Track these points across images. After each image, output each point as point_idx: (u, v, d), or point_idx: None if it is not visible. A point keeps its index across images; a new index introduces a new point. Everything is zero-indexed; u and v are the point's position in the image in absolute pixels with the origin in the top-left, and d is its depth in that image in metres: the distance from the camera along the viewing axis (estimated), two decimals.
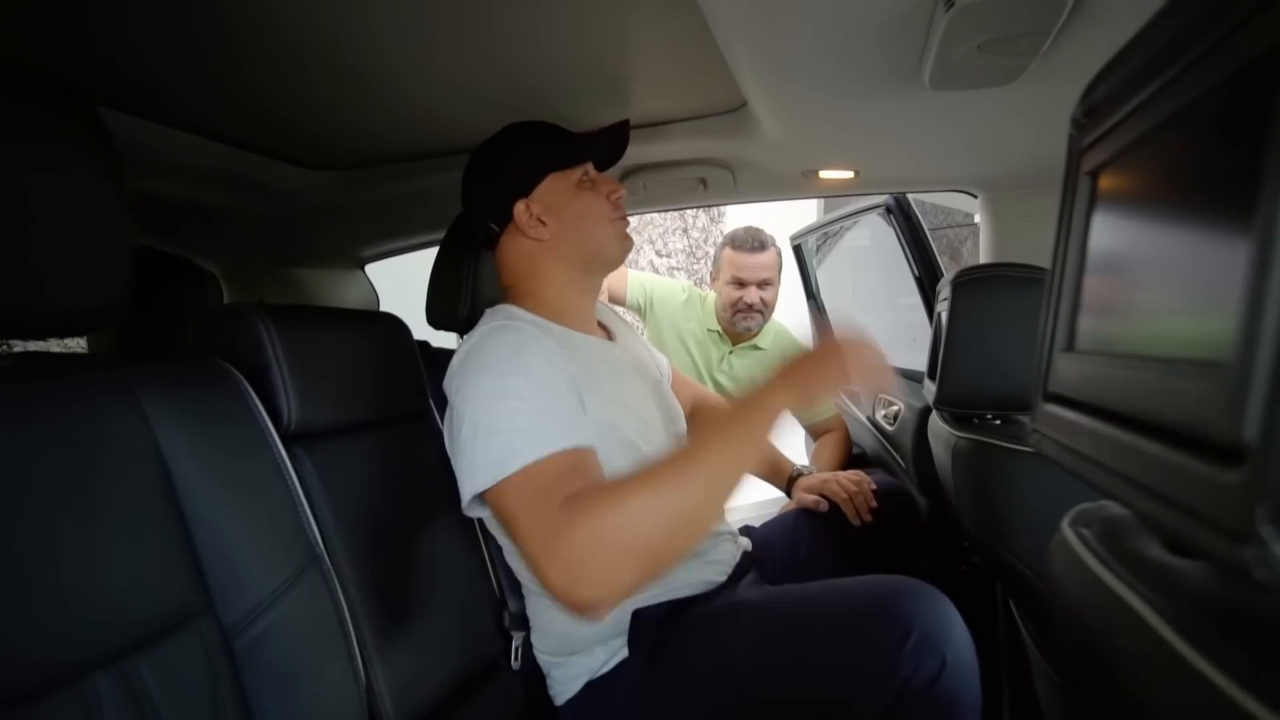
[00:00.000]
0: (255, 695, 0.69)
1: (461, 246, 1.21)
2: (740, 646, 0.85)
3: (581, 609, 0.71)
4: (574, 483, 0.76)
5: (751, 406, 0.79)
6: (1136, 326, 0.31)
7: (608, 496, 0.72)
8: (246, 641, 0.69)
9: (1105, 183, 0.37)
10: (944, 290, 1.08)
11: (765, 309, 1.91)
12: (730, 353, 1.98)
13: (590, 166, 1.04)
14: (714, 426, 0.77)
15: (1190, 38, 0.28)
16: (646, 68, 1.03)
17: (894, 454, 1.67)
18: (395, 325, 1.11)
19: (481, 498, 0.82)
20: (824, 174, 1.35)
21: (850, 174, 1.34)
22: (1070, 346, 0.39)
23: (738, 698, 0.88)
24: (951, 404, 1.02)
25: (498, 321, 0.96)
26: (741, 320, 1.90)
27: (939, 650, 0.76)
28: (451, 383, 0.90)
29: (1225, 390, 0.22)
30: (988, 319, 0.97)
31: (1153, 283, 0.30)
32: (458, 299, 1.20)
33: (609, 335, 1.15)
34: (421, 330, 1.23)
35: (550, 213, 1.01)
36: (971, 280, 0.98)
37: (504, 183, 1.02)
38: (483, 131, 1.04)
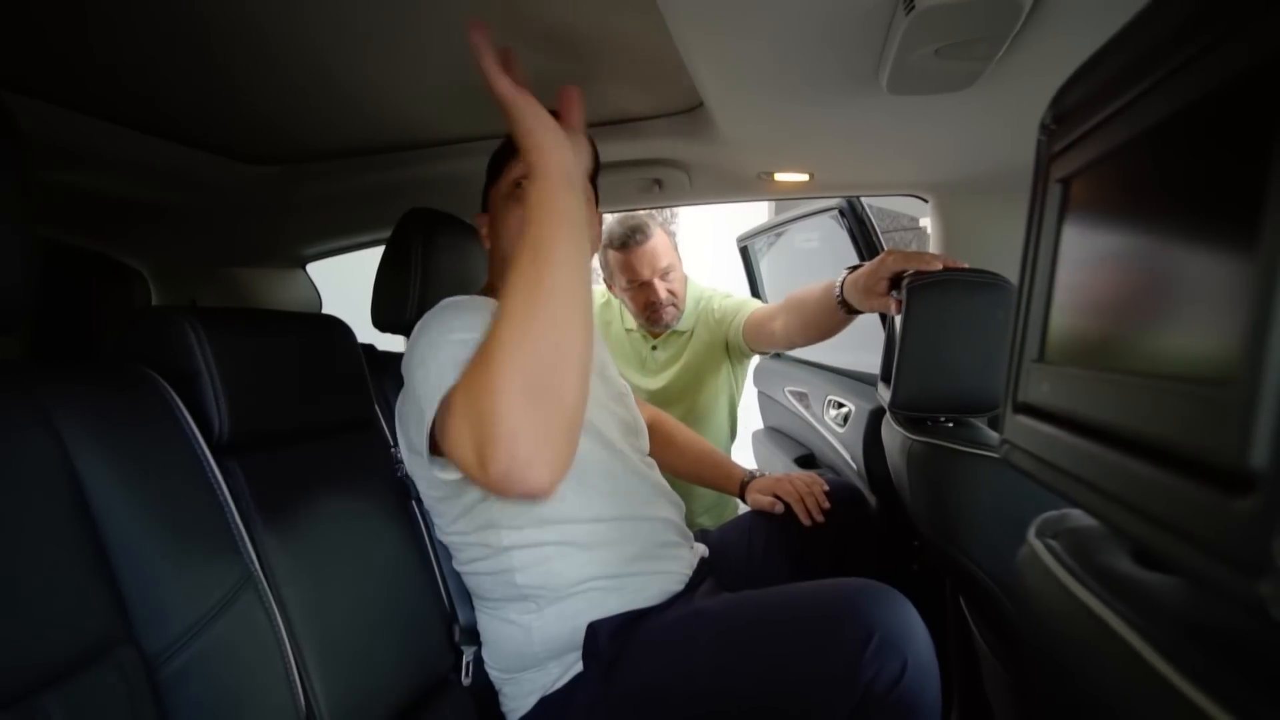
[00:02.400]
0: None
1: (410, 245, 1.16)
2: (700, 657, 0.83)
3: (512, 484, 0.64)
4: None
5: (554, 187, 0.71)
6: (1117, 339, 0.30)
7: (472, 361, 0.67)
8: (172, 671, 0.64)
9: (1078, 191, 0.36)
10: (897, 294, 1.09)
11: (677, 300, 1.71)
12: (654, 348, 1.84)
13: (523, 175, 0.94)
14: (526, 232, 0.69)
15: (1172, 45, 0.27)
16: (601, 66, 1.00)
17: (844, 454, 1.68)
18: (338, 328, 1.05)
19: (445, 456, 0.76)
20: (779, 176, 1.35)
21: (805, 177, 1.34)
22: (1041, 357, 0.38)
23: (698, 709, 0.86)
24: (906, 407, 1.03)
25: (456, 300, 0.94)
26: (658, 320, 1.72)
27: (900, 652, 0.76)
28: (406, 355, 0.88)
29: (1228, 412, 0.21)
30: (941, 323, 0.98)
31: (1134, 295, 0.29)
32: (405, 299, 1.15)
33: None
34: (366, 333, 1.18)
35: (494, 218, 1.02)
36: (925, 285, 0.99)
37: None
38: (433, 127, 1.00)
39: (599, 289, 1.94)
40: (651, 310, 1.71)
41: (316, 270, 1.92)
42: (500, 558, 0.96)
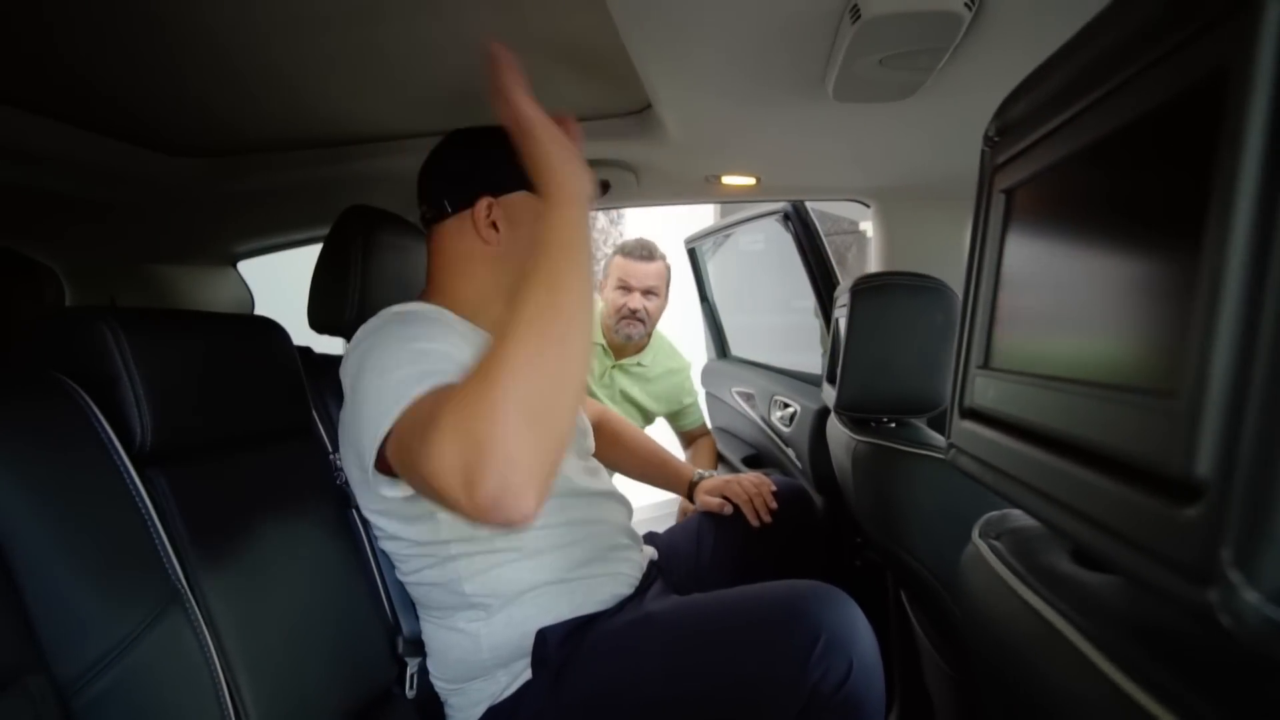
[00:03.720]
0: None
1: (350, 243, 1.12)
2: (650, 663, 0.83)
3: (498, 512, 0.60)
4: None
5: (564, 204, 0.71)
6: (1062, 348, 0.31)
7: (467, 380, 0.64)
8: (89, 699, 0.60)
9: (1021, 201, 0.37)
10: (842, 297, 1.11)
11: (648, 319, 1.92)
12: (613, 366, 1.98)
13: None
14: (540, 243, 0.69)
15: (1111, 66, 0.28)
16: (551, 65, 0.99)
17: (789, 454, 1.71)
18: (272, 330, 1.01)
19: (391, 472, 0.75)
20: (726, 179, 1.36)
21: (752, 180, 1.36)
22: (986, 364, 0.39)
23: (648, 715, 0.86)
24: (851, 408, 1.05)
25: (427, 311, 0.92)
26: (625, 327, 1.91)
27: (846, 653, 0.77)
28: (349, 361, 0.85)
29: (1174, 423, 0.21)
30: (884, 326, 1.00)
31: (1078, 305, 0.30)
32: (344, 300, 1.11)
33: None
34: (302, 335, 1.13)
35: (509, 223, 0.95)
36: (869, 288, 1.01)
37: (482, 170, 0.96)
38: (375, 122, 0.97)
39: None
40: (623, 317, 1.89)
41: (248, 269, 1.84)
42: (446, 567, 0.93)
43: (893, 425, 1.07)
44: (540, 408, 0.62)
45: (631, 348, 1.96)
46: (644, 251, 1.91)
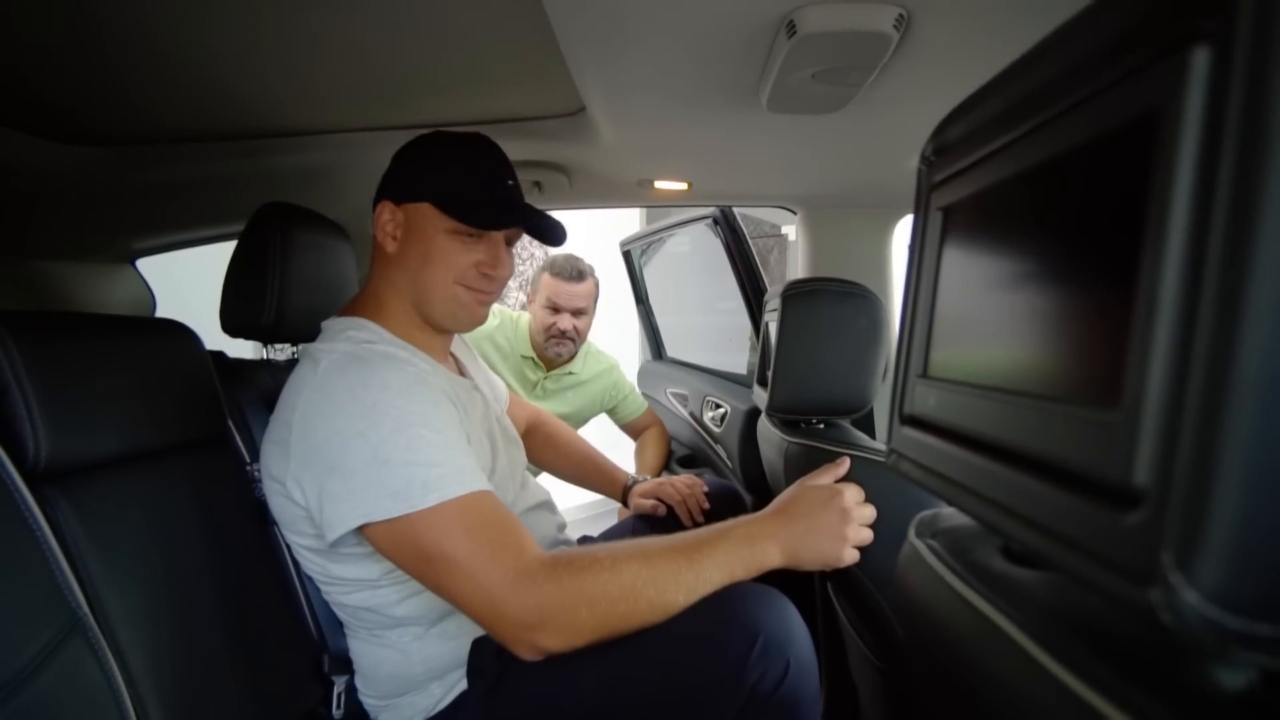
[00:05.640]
0: None
1: (267, 242, 1.06)
2: (588, 669, 0.82)
3: (531, 651, 0.77)
4: (508, 524, 0.80)
5: (753, 537, 0.83)
6: (1001, 359, 0.32)
7: (601, 561, 0.78)
8: None
9: (958, 219, 0.39)
10: (773, 302, 1.14)
11: (578, 337, 1.92)
12: (545, 378, 1.97)
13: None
14: (714, 536, 0.82)
15: (1050, 94, 0.30)
16: (487, 65, 0.97)
17: (720, 453, 1.74)
18: (180, 333, 0.94)
19: (359, 530, 0.79)
20: (659, 184, 1.37)
21: (684, 185, 1.37)
22: (925, 373, 0.41)
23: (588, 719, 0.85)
24: (782, 410, 1.08)
25: (382, 346, 0.90)
26: (554, 346, 1.90)
27: (784, 653, 0.78)
28: (314, 391, 0.82)
29: (1113, 434, 0.23)
30: (814, 330, 1.03)
31: (1016, 319, 0.32)
32: (262, 302, 1.05)
33: (460, 370, 1.08)
34: (212, 339, 1.06)
35: (408, 232, 0.92)
36: (800, 294, 1.04)
37: (395, 175, 0.94)
38: (290, 115, 0.92)
39: (501, 309, 2.06)
40: (551, 336, 1.89)
41: (149, 267, 1.71)
42: (375, 591, 0.89)
43: (821, 426, 1.10)
44: (621, 627, 0.78)
45: (560, 361, 1.96)
46: (574, 271, 1.88)
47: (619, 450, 1.86)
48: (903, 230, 1.41)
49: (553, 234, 0.96)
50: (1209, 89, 0.21)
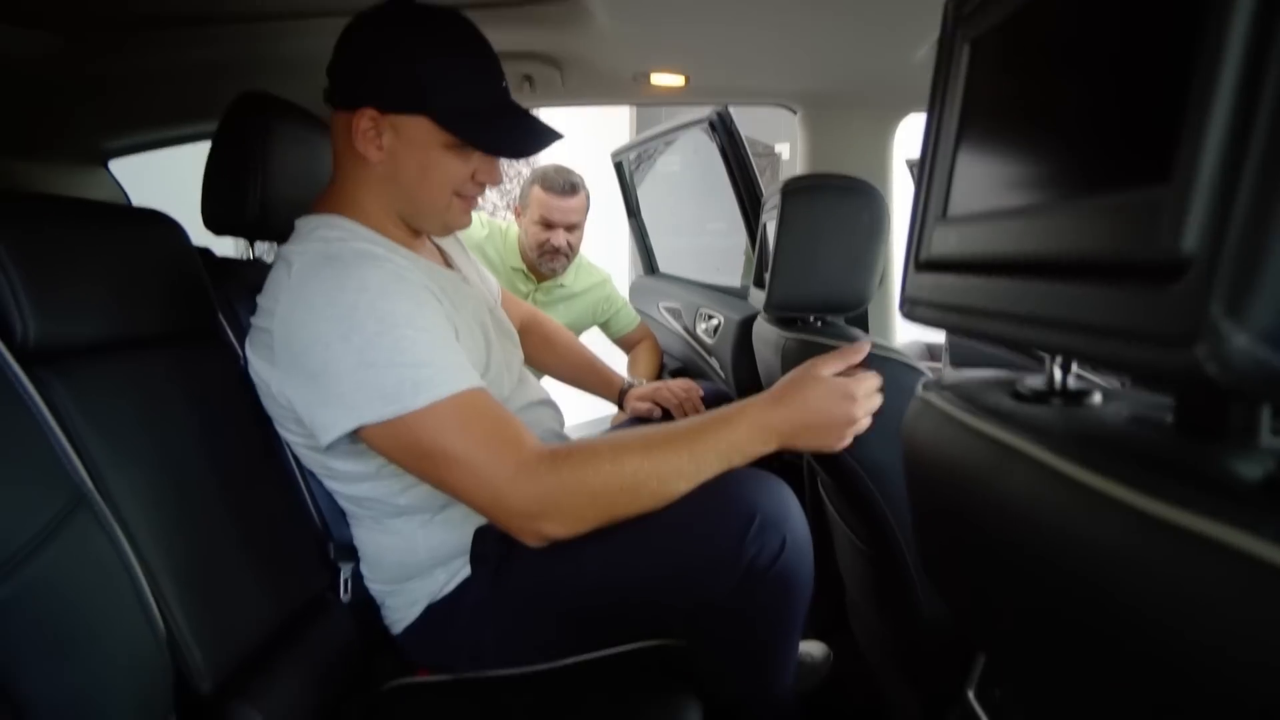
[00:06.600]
0: (14, 672, 0.56)
1: (247, 133, 1.02)
2: (589, 550, 0.84)
3: (535, 538, 0.79)
4: (504, 419, 0.80)
5: (750, 423, 0.82)
6: (1035, 172, 0.32)
7: (603, 453, 0.79)
8: None
9: (985, 51, 0.38)
10: (773, 199, 1.12)
11: (570, 253, 1.89)
12: (536, 290, 1.94)
13: None
14: (716, 425, 0.82)
15: None
16: None
17: (713, 365, 1.75)
18: (167, 225, 0.91)
19: (354, 432, 0.79)
20: (655, 78, 1.32)
21: (680, 80, 1.32)
22: (945, 214, 0.40)
23: (587, 599, 0.88)
24: (780, 307, 1.07)
25: (356, 243, 0.86)
26: (547, 262, 1.87)
27: (780, 531, 0.81)
28: (290, 296, 0.80)
29: (1158, 209, 0.22)
30: (815, 226, 1.02)
31: (1049, 135, 0.31)
32: (244, 197, 1.02)
33: (446, 261, 1.05)
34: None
35: (399, 144, 0.86)
36: (801, 189, 1.02)
37: (375, 72, 0.84)
38: None
39: (480, 216, 2.01)
40: (544, 252, 1.85)
41: (122, 170, 1.65)
42: (376, 483, 0.90)
43: (818, 324, 1.10)
44: (622, 514, 0.80)
45: (553, 274, 1.93)
46: (566, 185, 1.83)
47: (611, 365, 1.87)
48: (904, 131, 1.38)
49: (541, 143, 0.92)
50: None
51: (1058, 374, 0.40)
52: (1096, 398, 0.37)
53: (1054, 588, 0.30)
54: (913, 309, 0.42)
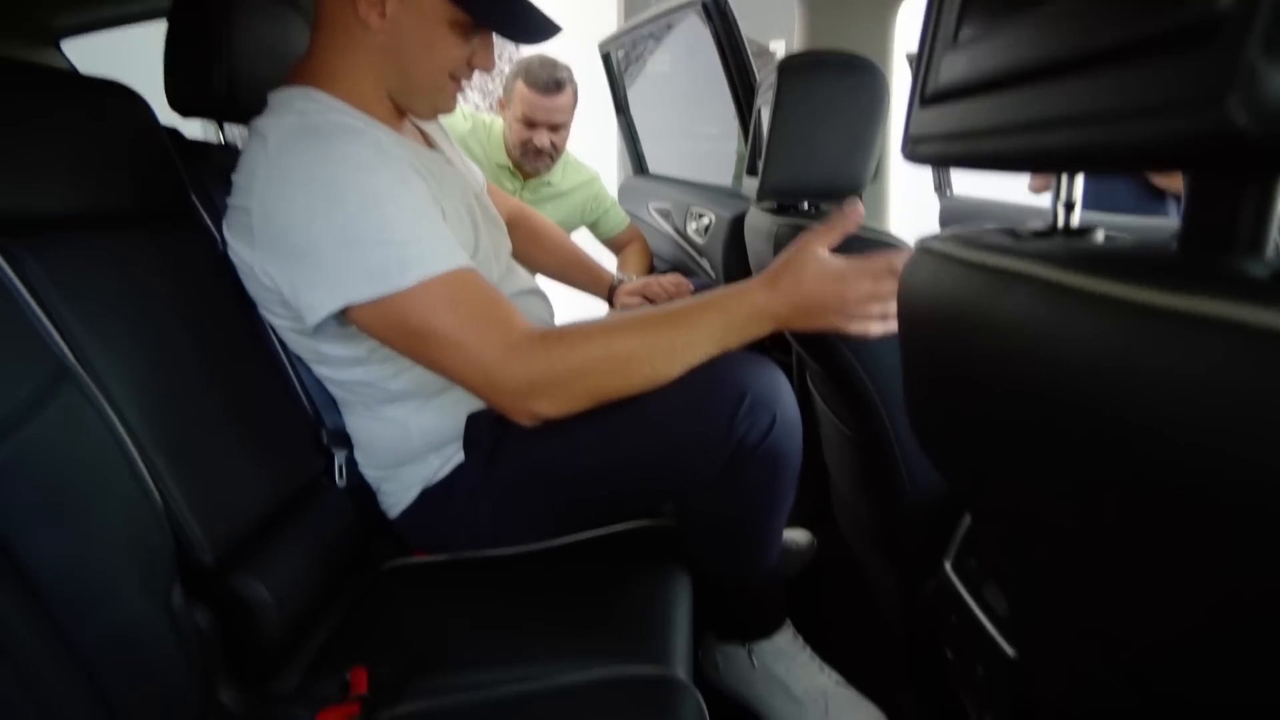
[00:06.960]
0: (14, 539, 0.56)
1: (205, 3, 0.95)
2: (581, 430, 0.85)
3: (528, 417, 0.80)
4: (495, 299, 0.79)
5: (743, 305, 0.81)
6: None
7: (594, 335, 0.79)
8: None
9: None
10: (768, 79, 1.07)
11: (554, 153, 1.82)
12: (523, 188, 1.89)
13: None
14: (710, 310, 0.81)
15: None
16: None
17: (704, 266, 1.73)
18: (130, 96, 0.86)
19: (341, 313, 0.78)
20: None
21: None
22: (955, 39, 0.38)
23: (579, 480, 0.90)
24: (774, 193, 1.05)
25: (336, 116, 0.82)
26: (530, 161, 1.81)
27: (770, 409, 0.82)
28: (267, 171, 0.77)
29: None
30: (812, 105, 0.98)
31: None
32: (209, 73, 0.96)
33: (428, 142, 1.01)
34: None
35: (405, 13, 0.82)
36: (798, 65, 0.98)
37: None
38: None
39: (464, 109, 1.92)
40: (528, 151, 1.79)
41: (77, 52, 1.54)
42: (369, 366, 0.89)
43: (812, 212, 1.08)
44: (613, 395, 0.80)
45: (539, 173, 1.87)
46: (551, 83, 1.72)
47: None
48: (905, 11, 1.30)
49: (545, 33, 0.89)
50: None
51: (1061, 212, 0.39)
52: (1099, 234, 0.37)
53: (1049, 403, 0.30)
54: (915, 148, 0.40)
